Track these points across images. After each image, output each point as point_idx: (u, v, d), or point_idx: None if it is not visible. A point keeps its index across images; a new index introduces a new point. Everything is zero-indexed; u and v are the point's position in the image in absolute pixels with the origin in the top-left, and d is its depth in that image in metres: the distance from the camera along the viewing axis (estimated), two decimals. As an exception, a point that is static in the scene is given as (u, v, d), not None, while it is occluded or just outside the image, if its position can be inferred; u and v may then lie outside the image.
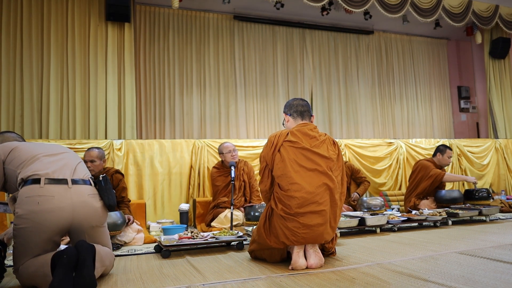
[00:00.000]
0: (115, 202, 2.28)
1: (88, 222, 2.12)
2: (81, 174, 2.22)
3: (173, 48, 6.62)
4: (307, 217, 2.32)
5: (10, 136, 2.54)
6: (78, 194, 2.10)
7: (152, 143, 4.76)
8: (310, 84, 7.44)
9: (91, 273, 1.89)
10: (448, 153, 4.69)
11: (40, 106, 5.24)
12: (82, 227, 2.11)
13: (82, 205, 2.09)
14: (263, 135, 6.94)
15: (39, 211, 1.98)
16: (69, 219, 2.05)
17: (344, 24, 7.62)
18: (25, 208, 1.98)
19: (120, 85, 5.53)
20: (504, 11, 7.17)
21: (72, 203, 2.06)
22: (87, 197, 2.13)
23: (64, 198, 2.04)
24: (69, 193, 2.07)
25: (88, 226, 2.13)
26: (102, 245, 2.22)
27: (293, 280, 2.06)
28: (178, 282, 2.10)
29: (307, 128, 2.56)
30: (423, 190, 4.60)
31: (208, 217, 4.24)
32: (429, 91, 8.43)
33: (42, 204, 1.99)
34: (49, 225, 2.00)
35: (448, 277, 2.00)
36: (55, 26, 5.38)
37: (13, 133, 2.60)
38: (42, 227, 1.99)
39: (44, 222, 1.98)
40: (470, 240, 3.06)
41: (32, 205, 1.98)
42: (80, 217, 2.08)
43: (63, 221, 2.03)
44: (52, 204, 2.00)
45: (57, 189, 2.05)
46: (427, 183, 4.57)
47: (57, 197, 2.03)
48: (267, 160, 2.52)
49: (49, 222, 1.99)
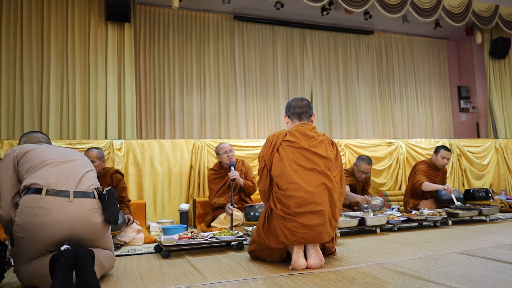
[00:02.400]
0: (117, 218, 2.18)
1: (87, 236, 2.08)
2: (86, 185, 2.14)
3: (173, 48, 6.62)
4: (306, 217, 2.32)
5: (33, 136, 2.48)
6: (78, 209, 2.03)
7: (152, 143, 4.76)
8: (310, 84, 7.44)
9: (94, 278, 1.90)
10: (442, 153, 4.58)
11: (40, 106, 5.24)
12: (80, 241, 2.08)
13: (81, 221, 2.03)
14: (263, 135, 6.94)
15: (36, 224, 1.94)
16: (66, 233, 2.01)
17: (344, 24, 7.62)
18: (23, 218, 1.96)
19: (120, 85, 5.53)
20: (504, 11, 7.17)
21: (72, 218, 2.00)
22: (88, 212, 2.06)
23: (63, 212, 1.99)
24: (69, 207, 2.01)
25: (87, 239, 2.09)
26: (103, 248, 2.20)
27: (293, 280, 2.06)
28: (178, 282, 2.10)
29: (306, 128, 2.56)
30: None
31: (208, 217, 4.24)
32: (429, 91, 8.43)
33: (40, 217, 1.95)
34: (46, 238, 1.97)
35: (448, 277, 2.00)
36: (55, 26, 5.38)
37: (39, 133, 2.53)
38: (38, 239, 1.96)
39: (40, 234, 1.95)
40: (470, 240, 3.06)
41: (31, 217, 1.95)
42: (79, 231, 2.03)
43: (60, 235, 2.00)
44: (50, 218, 1.96)
45: (57, 202, 2.00)
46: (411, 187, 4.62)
47: (56, 210, 1.98)
48: (266, 160, 2.53)
49: (46, 235, 1.96)
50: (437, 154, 4.64)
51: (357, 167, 4.39)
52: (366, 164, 4.33)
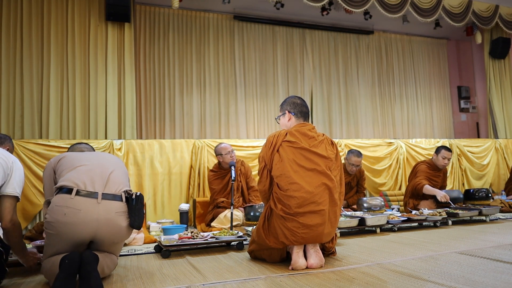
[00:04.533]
0: (141, 224, 2.24)
1: (111, 239, 2.14)
2: (114, 187, 2.19)
3: (173, 48, 6.62)
4: (306, 217, 2.32)
5: (77, 147, 2.80)
6: (105, 211, 2.09)
7: (152, 143, 4.76)
8: (310, 84, 7.44)
9: (99, 283, 1.92)
10: (443, 153, 4.60)
11: (40, 106, 5.24)
12: (103, 242, 2.13)
13: (107, 223, 2.09)
14: (263, 135, 6.94)
15: (64, 223, 2.02)
16: (91, 234, 2.07)
17: (344, 24, 7.62)
18: (53, 216, 2.04)
19: (120, 85, 5.53)
20: (504, 11, 7.17)
21: (98, 219, 2.07)
22: (114, 215, 2.11)
23: (91, 214, 2.06)
24: (96, 208, 2.08)
25: (109, 242, 2.15)
26: (113, 252, 2.23)
27: (293, 280, 2.06)
28: (178, 282, 2.10)
29: (306, 128, 2.57)
30: None
31: (208, 217, 4.24)
32: (429, 91, 8.43)
33: (68, 216, 2.03)
34: (71, 237, 2.04)
35: (448, 277, 2.00)
36: (55, 26, 5.38)
37: (83, 144, 2.82)
38: (65, 237, 2.04)
39: (67, 233, 2.03)
40: (470, 240, 3.06)
41: (59, 215, 2.03)
42: (103, 233, 2.09)
43: (86, 235, 2.06)
44: (78, 218, 2.03)
45: (85, 203, 2.07)
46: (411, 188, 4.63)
47: (84, 211, 2.05)
48: (266, 160, 2.53)
49: (72, 235, 2.04)
50: (438, 154, 4.64)
51: (347, 160, 4.58)
52: (355, 157, 4.50)
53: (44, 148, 4.27)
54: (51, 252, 2.09)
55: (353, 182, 4.70)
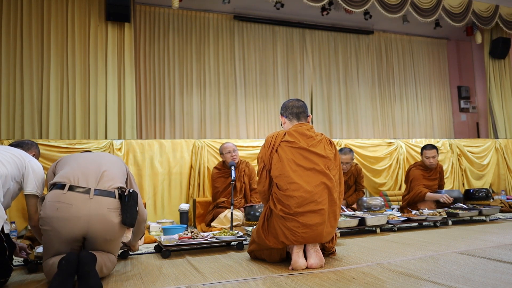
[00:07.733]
0: (134, 221, 2.22)
1: (102, 235, 2.12)
2: (107, 184, 2.19)
3: (173, 48, 6.62)
4: (306, 217, 2.32)
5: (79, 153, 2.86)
6: (97, 206, 2.09)
7: (152, 143, 4.76)
8: (310, 84, 7.43)
9: (98, 282, 1.93)
10: (425, 153, 4.63)
11: (40, 106, 5.24)
12: (96, 239, 2.12)
13: (98, 218, 2.08)
14: (263, 135, 6.94)
15: (56, 217, 2.03)
16: (83, 229, 2.06)
17: (344, 24, 7.62)
18: (46, 212, 2.06)
19: (120, 85, 5.53)
20: (504, 11, 7.17)
21: (89, 215, 2.06)
22: (105, 211, 2.10)
23: (82, 209, 2.06)
24: (88, 204, 2.08)
25: (102, 239, 2.13)
26: (111, 251, 2.23)
27: (293, 280, 2.06)
28: (178, 282, 2.10)
29: (304, 128, 2.56)
30: None
31: (208, 217, 4.24)
32: (429, 91, 8.43)
33: (60, 211, 2.04)
34: (64, 232, 2.04)
35: (448, 277, 2.00)
36: (55, 26, 5.38)
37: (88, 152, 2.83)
38: (58, 233, 2.04)
39: (60, 228, 2.03)
40: (470, 240, 3.06)
41: (52, 210, 2.04)
42: (95, 229, 2.08)
43: (77, 230, 2.06)
44: (69, 212, 2.04)
45: (77, 198, 2.08)
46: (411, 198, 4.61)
47: (76, 206, 2.05)
48: (265, 161, 2.53)
49: (64, 230, 2.04)
50: (422, 155, 4.70)
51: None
52: (343, 155, 4.52)
53: (44, 148, 4.27)
54: (50, 252, 2.09)
55: (350, 180, 4.69)
